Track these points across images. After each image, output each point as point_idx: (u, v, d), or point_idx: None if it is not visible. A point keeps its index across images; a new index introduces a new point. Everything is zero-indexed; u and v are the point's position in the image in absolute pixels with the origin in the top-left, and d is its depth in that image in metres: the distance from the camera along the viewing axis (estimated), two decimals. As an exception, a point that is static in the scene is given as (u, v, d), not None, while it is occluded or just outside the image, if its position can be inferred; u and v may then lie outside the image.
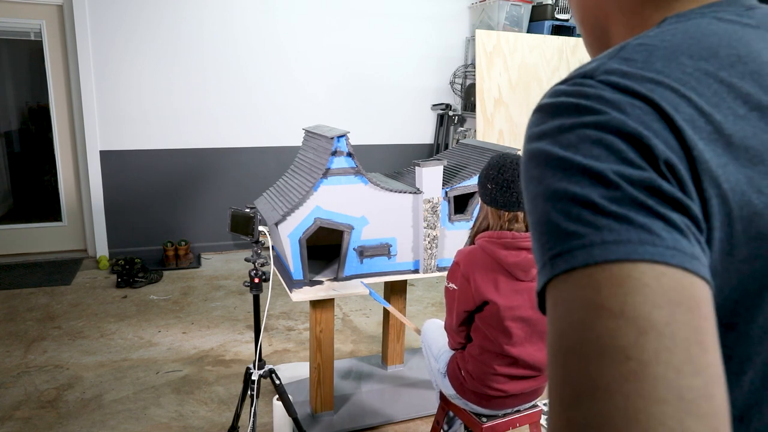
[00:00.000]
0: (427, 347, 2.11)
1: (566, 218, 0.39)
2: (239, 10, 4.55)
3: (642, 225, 0.37)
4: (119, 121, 4.41)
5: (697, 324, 0.35)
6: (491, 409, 1.86)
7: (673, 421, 0.31)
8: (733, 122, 0.42)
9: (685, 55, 0.45)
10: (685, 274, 0.36)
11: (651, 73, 0.43)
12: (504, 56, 4.76)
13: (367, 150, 5.09)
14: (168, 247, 4.46)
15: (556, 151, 0.41)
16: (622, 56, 0.45)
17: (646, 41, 0.46)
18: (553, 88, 0.46)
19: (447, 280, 1.83)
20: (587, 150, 0.40)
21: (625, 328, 0.34)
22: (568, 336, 0.36)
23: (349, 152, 2.21)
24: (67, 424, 2.43)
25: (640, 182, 0.39)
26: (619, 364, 0.33)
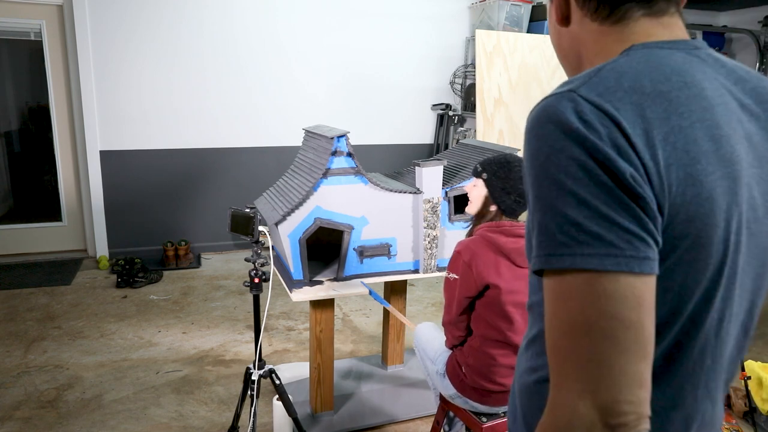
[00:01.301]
0: (421, 351, 2.11)
1: (559, 231, 0.59)
2: (239, 10, 4.55)
3: (609, 241, 0.57)
4: (119, 121, 4.41)
5: (628, 313, 0.57)
6: (492, 406, 1.86)
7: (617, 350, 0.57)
8: (677, 132, 0.61)
9: (647, 78, 0.63)
10: (636, 276, 0.58)
11: (618, 94, 0.61)
12: (504, 56, 4.76)
13: (367, 150, 5.09)
14: (168, 247, 4.46)
15: (553, 173, 0.60)
16: (599, 77, 0.63)
17: (616, 67, 0.64)
18: (545, 99, 0.63)
19: (447, 271, 1.84)
20: (574, 173, 0.59)
21: (589, 312, 0.58)
22: (559, 311, 0.60)
23: (349, 152, 2.21)
24: (67, 424, 2.43)
25: (610, 202, 0.58)
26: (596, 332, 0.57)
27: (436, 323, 2.27)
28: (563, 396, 0.59)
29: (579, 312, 0.58)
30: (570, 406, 0.58)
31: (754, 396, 2.53)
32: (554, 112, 0.61)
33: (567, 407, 0.58)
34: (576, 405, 0.58)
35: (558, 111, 0.61)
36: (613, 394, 0.56)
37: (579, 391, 0.58)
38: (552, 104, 0.62)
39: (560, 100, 0.62)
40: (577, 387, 0.58)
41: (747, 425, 2.58)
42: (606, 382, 0.57)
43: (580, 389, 0.57)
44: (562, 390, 0.59)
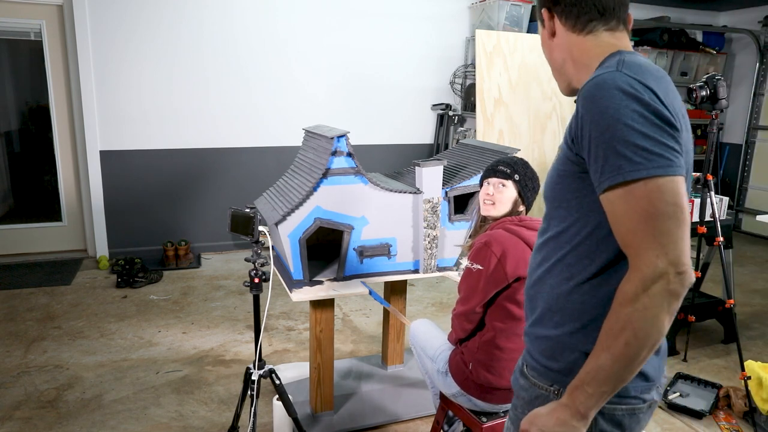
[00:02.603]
0: (419, 349, 2.10)
1: (634, 155, 0.89)
2: (239, 10, 4.55)
3: (668, 158, 0.89)
4: (119, 121, 4.41)
5: (681, 201, 0.88)
6: (494, 403, 1.86)
7: (676, 224, 0.87)
8: (671, 102, 0.95)
9: (651, 68, 0.99)
10: (679, 177, 0.90)
11: (645, 74, 0.94)
12: (504, 56, 4.76)
13: (367, 150, 5.09)
14: (168, 247, 4.46)
15: (624, 120, 0.90)
16: (627, 64, 0.97)
17: (631, 60, 0.98)
18: (600, 75, 0.95)
19: (470, 261, 1.82)
20: (638, 119, 0.90)
21: (657, 203, 0.88)
22: (632, 208, 0.89)
23: (349, 152, 2.21)
24: (67, 424, 2.43)
25: (664, 135, 0.90)
26: (663, 216, 0.87)
27: (432, 320, 2.26)
28: (645, 259, 0.88)
29: (653, 205, 0.88)
30: (652, 263, 0.87)
31: (754, 396, 2.53)
32: (613, 82, 0.93)
33: (650, 264, 0.87)
34: (656, 262, 0.87)
35: (616, 81, 0.92)
36: (677, 253, 0.87)
37: (657, 254, 0.87)
38: (610, 77, 0.93)
39: (614, 75, 0.93)
40: (655, 252, 0.87)
41: (747, 425, 2.58)
42: (673, 245, 0.87)
43: (657, 253, 0.87)
44: (643, 256, 0.88)
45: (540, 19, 1.13)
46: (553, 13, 1.09)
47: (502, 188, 1.86)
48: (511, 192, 1.85)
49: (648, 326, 0.88)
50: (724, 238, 2.78)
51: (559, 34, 1.09)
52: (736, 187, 6.29)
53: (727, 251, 3.40)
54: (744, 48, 6.23)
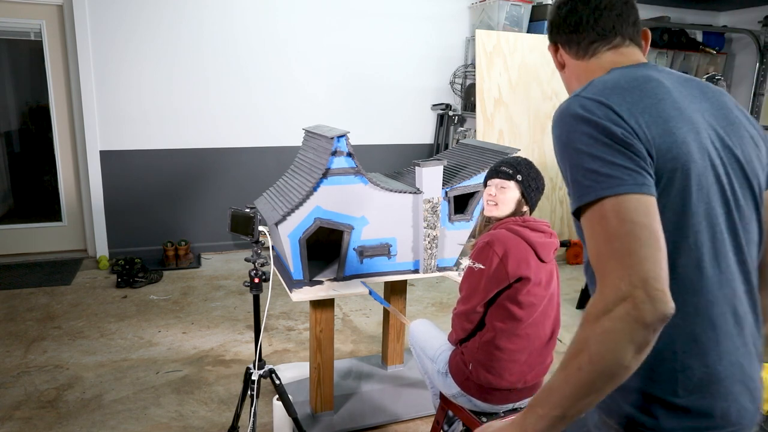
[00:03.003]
0: (419, 350, 2.10)
1: (584, 179, 0.88)
2: (239, 10, 4.55)
3: (617, 177, 0.86)
4: (119, 121, 4.41)
5: (640, 218, 0.83)
6: (494, 404, 1.86)
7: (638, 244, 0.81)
8: (650, 106, 0.93)
9: (623, 81, 0.97)
10: (639, 195, 0.85)
11: (606, 91, 0.94)
12: (504, 56, 4.76)
13: (367, 150, 5.09)
14: (168, 247, 4.46)
15: (573, 144, 0.91)
16: (592, 85, 0.97)
17: (601, 79, 0.99)
18: (562, 103, 0.97)
19: (472, 260, 1.82)
20: (586, 141, 0.89)
21: (616, 224, 0.84)
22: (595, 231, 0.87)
23: (349, 152, 2.21)
24: (67, 424, 2.43)
25: (612, 153, 0.88)
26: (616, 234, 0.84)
27: (434, 321, 2.26)
28: (608, 282, 0.83)
29: (609, 226, 0.85)
30: (614, 285, 0.81)
31: (754, 396, 2.52)
32: (567, 108, 0.95)
33: (612, 286, 0.82)
34: (618, 284, 0.81)
35: (570, 107, 0.94)
36: (642, 274, 0.80)
37: (619, 276, 0.81)
38: (566, 104, 0.96)
39: (570, 102, 0.96)
40: (618, 274, 0.81)
41: (747, 425, 2.58)
42: (636, 266, 0.81)
43: (620, 275, 0.81)
44: (606, 279, 0.83)
45: (551, 52, 1.17)
46: (557, 46, 1.14)
47: (505, 189, 1.86)
48: (514, 193, 1.85)
49: (604, 352, 0.80)
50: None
51: (568, 65, 1.14)
52: (736, 187, 6.28)
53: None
54: (744, 48, 6.23)
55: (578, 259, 4.89)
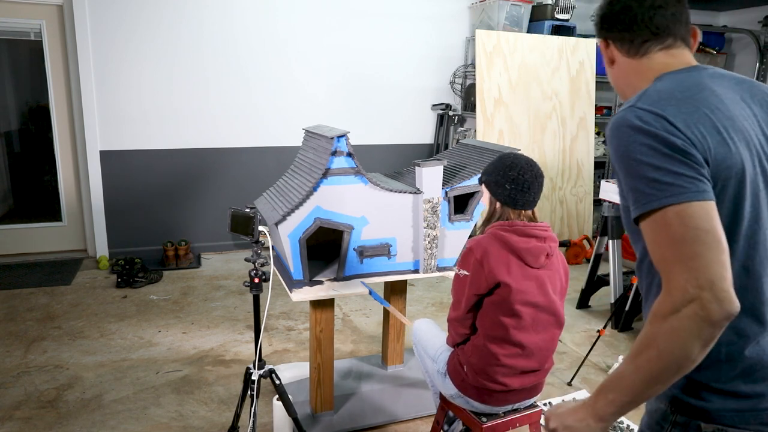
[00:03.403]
0: (421, 349, 2.10)
1: (647, 188, 0.92)
2: (239, 10, 4.55)
3: (679, 185, 0.90)
4: (119, 121, 4.41)
5: (704, 224, 0.88)
6: (492, 405, 1.86)
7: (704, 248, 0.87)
8: (705, 117, 0.96)
9: (676, 91, 0.99)
10: (699, 202, 0.89)
11: (661, 103, 0.96)
12: (504, 56, 4.76)
13: (367, 150, 5.09)
14: (168, 247, 4.46)
15: (633, 156, 0.95)
16: (646, 95, 0.99)
17: (655, 88, 1.01)
18: (617, 114, 0.99)
19: (457, 267, 1.84)
20: (646, 152, 0.93)
21: (681, 230, 0.89)
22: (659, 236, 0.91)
23: (349, 152, 2.21)
24: (67, 424, 2.43)
25: (672, 163, 0.92)
26: (682, 240, 0.88)
27: (435, 321, 2.26)
28: (675, 284, 0.88)
29: (674, 232, 0.90)
30: (682, 287, 0.87)
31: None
32: (624, 120, 0.97)
33: (680, 289, 0.87)
34: (686, 287, 0.87)
35: (627, 119, 0.97)
36: (709, 276, 0.86)
37: (686, 278, 0.87)
38: (621, 116, 0.99)
39: (626, 113, 0.98)
40: (684, 276, 0.87)
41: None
42: (703, 269, 0.86)
43: (687, 277, 0.87)
44: (673, 281, 0.89)
45: (600, 47, 1.18)
46: (608, 41, 1.14)
47: (482, 195, 1.95)
48: (485, 194, 1.90)
49: (673, 347, 0.88)
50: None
51: (618, 61, 1.14)
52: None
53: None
54: (744, 48, 6.23)
55: (578, 259, 4.89)
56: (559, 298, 1.86)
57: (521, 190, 1.80)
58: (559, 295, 1.86)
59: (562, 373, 2.99)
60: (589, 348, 3.08)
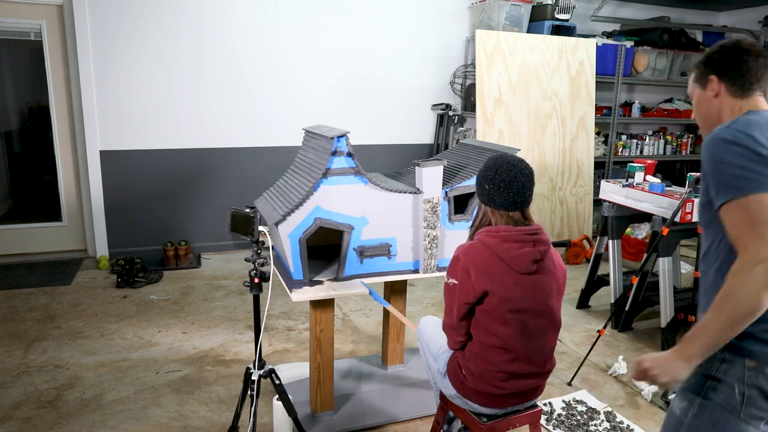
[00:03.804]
0: (425, 346, 2.10)
1: (736, 181, 1.25)
2: (239, 10, 4.55)
3: (761, 181, 1.23)
4: (119, 121, 4.41)
5: None
6: (492, 408, 1.86)
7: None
8: None
9: (761, 122, 1.32)
10: None
11: (750, 127, 1.29)
12: (504, 56, 4.76)
13: (367, 150, 5.09)
14: (168, 247, 4.46)
15: (727, 160, 1.27)
16: (738, 121, 1.32)
17: (745, 118, 1.34)
18: (715, 131, 1.33)
19: (447, 276, 1.83)
20: (737, 158, 1.26)
21: (758, 212, 1.22)
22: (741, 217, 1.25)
23: (349, 152, 2.21)
24: (67, 424, 2.43)
25: (756, 165, 1.24)
26: (759, 220, 1.21)
27: (440, 318, 2.26)
28: (750, 249, 1.21)
29: (752, 214, 1.22)
30: (756, 251, 1.20)
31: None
32: (719, 135, 1.31)
33: (754, 252, 1.20)
34: (759, 250, 1.19)
35: (721, 134, 1.30)
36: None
37: (759, 245, 1.20)
38: (718, 132, 1.31)
39: (722, 130, 1.31)
40: (757, 244, 1.20)
41: (747, 425, 2.58)
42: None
43: (759, 245, 1.20)
44: (749, 247, 1.22)
45: (701, 80, 1.50)
46: (722, 80, 1.46)
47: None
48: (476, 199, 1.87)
49: (748, 297, 1.20)
50: (724, 238, 2.77)
51: (722, 95, 1.47)
52: (736, 187, 6.28)
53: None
54: (744, 48, 6.22)
55: (578, 259, 4.89)
56: (555, 300, 1.83)
57: (498, 189, 1.75)
58: (555, 297, 1.83)
59: (562, 373, 2.99)
60: (589, 348, 3.08)
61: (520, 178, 1.76)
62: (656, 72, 5.80)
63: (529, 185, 1.78)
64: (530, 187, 1.79)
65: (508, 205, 1.77)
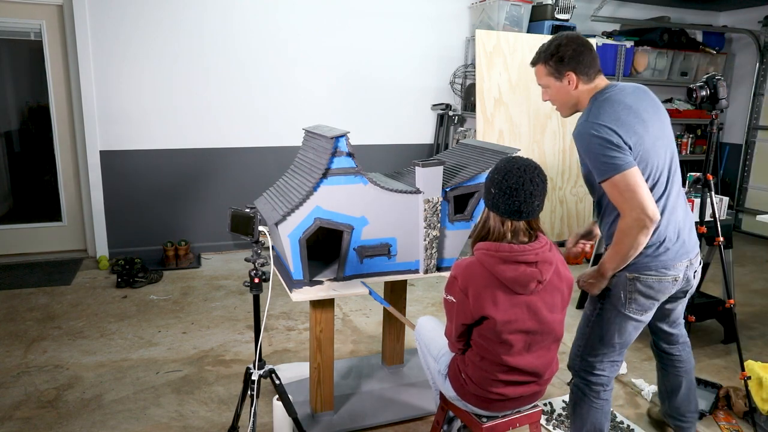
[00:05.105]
0: (424, 347, 2.09)
1: (603, 165, 1.81)
2: (239, 10, 4.55)
3: (615, 163, 1.79)
4: (119, 121, 4.41)
5: (633, 181, 1.79)
6: (492, 411, 1.86)
7: (639, 193, 1.80)
8: (627, 126, 1.84)
9: (610, 109, 1.86)
10: (627, 171, 1.78)
11: (605, 120, 1.84)
12: (504, 56, 4.76)
13: (367, 150, 5.09)
14: (168, 247, 4.46)
15: (596, 150, 1.82)
16: (594, 110, 1.89)
17: (598, 109, 1.87)
18: (580, 124, 1.89)
19: (445, 292, 1.80)
20: (598, 147, 1.81)
21: (623, 184, 1.79)
22: (614, 190, 1.82)
23: (349, 152, 2.21)
24: (67, 424, 2.43)
25: (612, 152, 1.80)
26: (625, 191, 1.80)
27: (439, 318, 2.26)
28: (626, 214, 1.79)
29: (618, 188, 1.78)
30: (630, 215, 1.78)
31: (754, 396, 2.53)
32: (585, 130, 1.84)
33: (629, 216, 1.78)
34: (632, 214, 1.77)
35: (586, 129, 1.83)
36: (643, 207, 1.76)
37: (631, 209, 1.77)
38: (582, 128, 1.84)
39: (588, 125, 1.83)
40: (630, 208, 1.77)
41: (747, 425, 2.58)
42: (637, 204, 1.76)
43: (631, 209, 1.77)
44: (625, 213, 1.79)
45: (556, 75, 1.95)
46: (576, 73, 1.93)
47: None
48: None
49: (631, 240, 1.80)
50: (724, 238, 2.77)
51: (578, 86, 1.95)
52: (736, 187, 6.29)
53: (727, 251, 3.40)
54: (744, 48, 6.23)
55: (578, 259, 4.89)
56: (558, 313, 1.77)
57: (504, 195, 1.66)
58: (559, 311, 1.77)
59: (562, 372, 2.99)
60: (589, 348, 3.08)
61: (529, 186, 1.65)
62: (656, 72, 5.80)
63: (538, 195, 1.67)
64: (540, 197, 1.68)
65: (512, 214, 1.67)
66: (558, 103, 2.00)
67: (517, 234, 1.71)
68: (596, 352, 2.01)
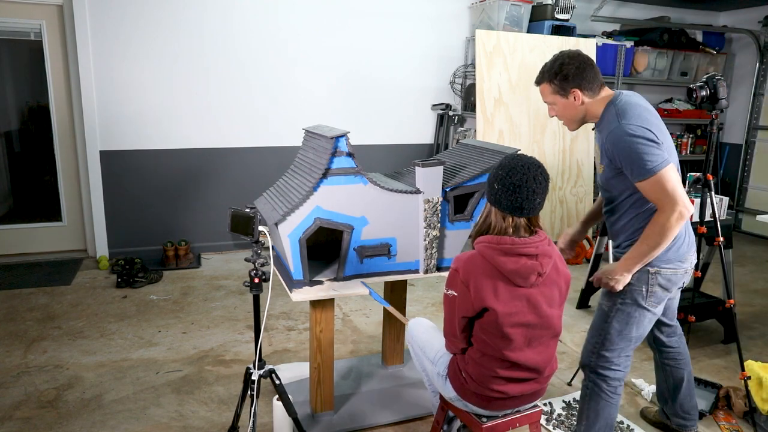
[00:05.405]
0: (418, 350, 2.08)
1: (643, 163, 1.85)
2: (239, 10, 4.55)
3: (657, 159, 1.84)
4: (119, 121, 4.41)
5: (673, 177, 1.85)
6: (492, 410, 1.86)
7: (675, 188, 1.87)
8: (654, 125, 1.91)
9: (640, 110, 1.94)
10: (668, 167, 1.85)
11: (633, 118, 1.91)
12: (504, 56, 4.76)
13: (367, 150, 5.09)
14: (168, 247, 4.46)
15: (638, 149, 1.86)
16: (621, 113, 1.94)
17: (632, 112, 1.93)
18: (623, 126, 1.90)
19: (446, 287, 1.80)
20: (643, 147, 1.85)
21: (666, 178, 1.84)
22: (656, 186, 1.86)
23: (349, 152, 2.21)
24: (67, 424, 2.43)
25: (652, 149, 1.85)
26: (668, 186, 1.84)
27: (432, 320, 2.25)
28: (666, 207, 1.83)
29: (659, 184, 1.82)
30: (671, 207, 1.82)
31: (754, 396, 2.53)
32: (626, 130, 1.87)
33: (670, 208, 1.82)
34: (673, 206, 1.82)
35: (628, 130, 1.87)
36: (681, 200, 1.82)
37: (672, 203, 1.82)
38: (625, 128, 1.87)
39: (625, 126, 1.87)
40: (671, 202, 1.82)
41: (747, 425, 2.58)
42: (678, 197, 1.82)
43: (672, 203, 1.82)
44: (666, 206, 1.83)
45: (561, 92, 1.99)
46: (582, 90, 1.98)
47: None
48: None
49: (667, 232, 1.84)
50: (724, 238, 2.77)
51: (585, 101, 2.00)
52: (736, 187, 6.29)
53: (727, 251, 3.40)
54: (744, 48, 6.23)
55: (578, 259, 4.89)
56: (556, 308, 1.79)
57: (507, 191, 1.69)
58: (557, 306, 1.79)
59: (562, 372, 2.99)
60: (589, 348, 3.08)
61: (531, 183, 1.68)
62: (656, 72, 5.80)
63: (540, 192, 1.70)
64: (542, 195, 1.71)
65: (514, 210, 1.70)
66: (565, 118, 2.06)
67: (518, 230, 1.73)
68: (614, 347, 2.04)
